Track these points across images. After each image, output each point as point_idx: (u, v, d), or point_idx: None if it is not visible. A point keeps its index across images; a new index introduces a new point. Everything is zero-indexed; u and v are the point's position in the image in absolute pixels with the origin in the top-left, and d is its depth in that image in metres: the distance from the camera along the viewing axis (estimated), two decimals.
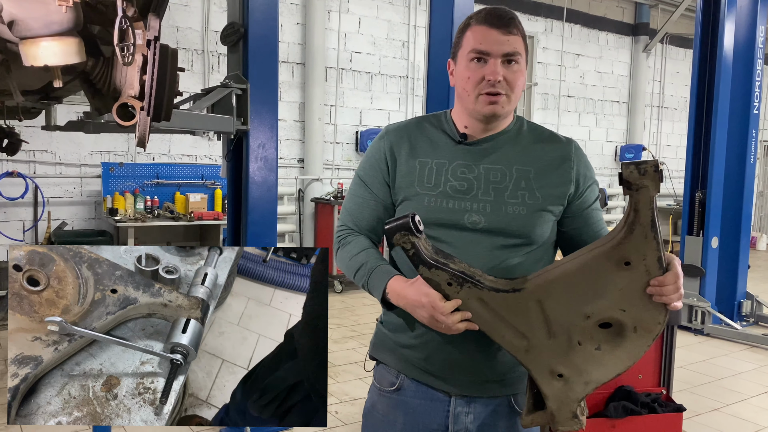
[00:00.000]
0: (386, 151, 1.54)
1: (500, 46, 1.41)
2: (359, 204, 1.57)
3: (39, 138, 5.63)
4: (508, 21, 1.42)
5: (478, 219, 1.44)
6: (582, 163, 1.52)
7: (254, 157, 3.34)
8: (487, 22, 1.42)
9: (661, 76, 10.76)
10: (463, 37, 1.46)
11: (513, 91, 1.44)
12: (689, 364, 4.83)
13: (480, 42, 1.41)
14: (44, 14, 1.52)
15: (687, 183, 6.00)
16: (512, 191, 1.45)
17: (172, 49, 1.85)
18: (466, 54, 1.44)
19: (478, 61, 1.42)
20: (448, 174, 1.47)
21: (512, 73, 1.42)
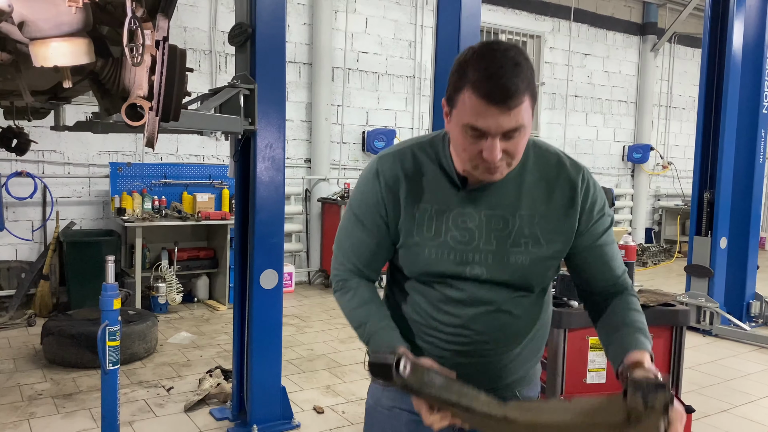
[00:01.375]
0: (383, 195, 1.42)
1: (500, 124, 1.23)
2: (357, 245, 1.48)
3: (47, 138, 5.66)
4: (513, 93, 1.21)
5: (480, 271, 1.38)
6: (590, 195, 1.42)
7: (262, 157, 3.35)
8: (486, 95, 1.21)
9: (669, 76, 10.71)
10: (459, 96, 1.26)
11: (515, 157, 1.30)
12: (698, 365, 4.80)
13: (476, 119, 1.23)
14: (54, 15, 1.53)
15: (695, 183, 5.97)
16: (515, 239, 1.38)
17: (180, 50, 1.86)
18: (460, 123, 1.27)
19: (474, 136, 1.26)
20: (449, 222, 1.39)
21: (514, 144, 1.27)
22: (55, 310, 5.70)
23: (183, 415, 3.70)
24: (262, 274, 3.41)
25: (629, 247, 2.56)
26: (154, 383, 4.18)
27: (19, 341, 4.94)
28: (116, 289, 2.60)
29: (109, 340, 2.58)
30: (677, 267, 8.95)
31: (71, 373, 4.27)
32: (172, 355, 4.77)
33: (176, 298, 5.93)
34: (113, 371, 2.65)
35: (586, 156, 9.88)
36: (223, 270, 6.26)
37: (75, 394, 3.93)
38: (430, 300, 1.44)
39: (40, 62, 1.59)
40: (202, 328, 5.51)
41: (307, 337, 5.33)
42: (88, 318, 4.61)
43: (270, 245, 3.43)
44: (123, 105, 1.73)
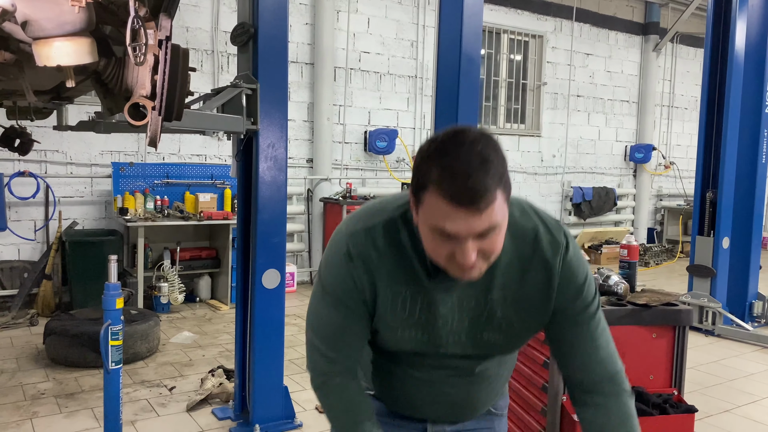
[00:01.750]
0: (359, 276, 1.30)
1: (470, 227, 1.10)
2: (337, 332, 1.36)
3: (50, 138, 5.67)
4: (482, 194, 1.08)
5: (454, 351, 1.35)
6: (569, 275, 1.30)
7: (264, 156, 3.35)
8: (452, 197, 1.08)
9: (672, 76, 10.70)
10: (424, 195, 1.13)
11: (493, 254, 1.18)
12: (700, 365, 4.80)
13: (444, 222, 1.11)
14: (57, 14, 1.53)
15: (698, 183, 5.96)
16: (488, 319, 1.32)
17: (183, 49, 1.86)
18: (427, 222, 1.14)
19: (443, 238, 1.14)
20: (423, 305, 1.31)
21: (490, 243, 1.15)
22: (57, 309, 5.71)
23: (185, 414, 3.71)
24: (265, 273, 3.41)
25: (632, 246, 2.55)
26: (157, 383, 4.19)
27: (21, 341, 4.95)
28: (119, 289, 2.61)
29: (112, 340, 2.59)
30: (679, 267, 8.94)
31: (73, 373, 4.27)
32: (175, 354, 4.77)
33: (178, 298, 5.94)
34: (116, 371, 2.65)
35: (588, 156, 9.88)
36: (225, 270, 6.26)
37: (77, 394, 3.94)
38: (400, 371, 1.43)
39: (43, 62, 1.59)
40: (204, 328, 5.51)
41: None
42: (91, 318, 4.62)
43: (272, 245, 3.43)
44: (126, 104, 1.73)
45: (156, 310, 5.81)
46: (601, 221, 10.06)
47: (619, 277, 2.45)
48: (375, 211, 1.33)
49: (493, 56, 8.86)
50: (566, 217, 9.68)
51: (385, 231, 1.29)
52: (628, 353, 2.31)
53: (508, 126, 9.15)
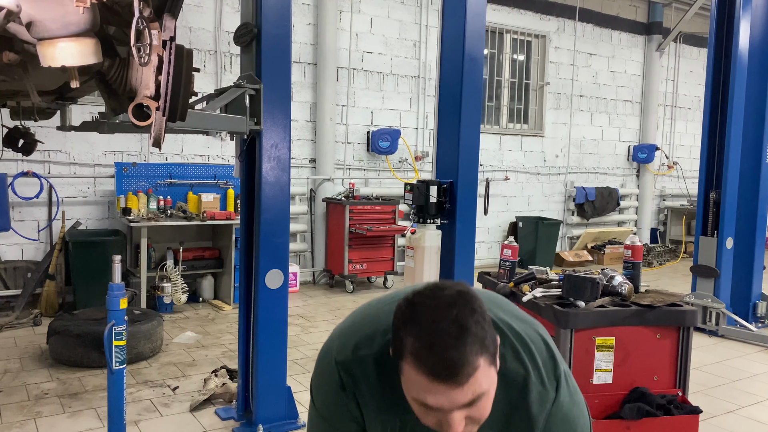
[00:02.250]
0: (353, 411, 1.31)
1: (452, 403, 1.06)
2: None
3: (53, 138, 5.68)
4: (459, 372, 1.03)
5: None
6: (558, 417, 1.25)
7: (267, 157, 3.35)
8: (429, 371, 1.04)
9: (675, 76, 10.68)
10: (402, 363, 1.10)
11: (482, 419, 1.13)
12: (703, 366, 4.78)
13: (425, 396, 1.07)
14: (62, 15, 1.53)
15: (701, 183, 5.94)
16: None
17: (187, 50, 1.86)
18: (409, 393, 1.11)
19: (427, 410, 1.10)
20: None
21: (478, 410, 1.10)
22: (60, 309, 5.72)
23: (188, 414, 3.71)
24: (268, 273, 3.41)
25: (636, 247, 2.55)
26: (160, 383, 4.19)
27: (25, 341, 4.96)
28: (123, 289, 2.61)
29: (116, 340, 2.59)
30: (683, 267, 8.92)
31: (77, 373, 4.28)
32: (178, 354, 4.78)
33: (181, 298, 5.94)
34: (120, 371, 2.65)
35: (591, 156, 9.87)
36: (228, 270, 6.27)
37: (81, 394, 3.94)
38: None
39: (47, 62, 1.59)
40: (207, 328, 5.52)
41: (312, 337, 5.33)
42: (94, 318, 4.62)
43: (275, 245, 3.43)
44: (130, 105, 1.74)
45: (159, 310, 5.81)
46: (604, 221, 10.04)
47: (623, 277, 2.44)
48: (366, 336, 1.29)
49: (495, 56, 8.85)
50: (569, 218, 9.67)
51: (376, 365, 1.25)
52: (632, 354, 2.30)
53: (510, 126, 9.14)
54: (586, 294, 2.24)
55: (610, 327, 2.26)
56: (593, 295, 2.24)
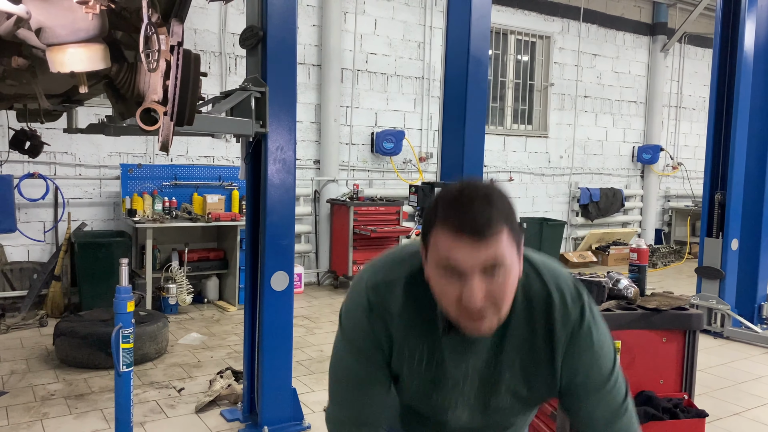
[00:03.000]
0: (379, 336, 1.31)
1: (475, 258, 1.11)
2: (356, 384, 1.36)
3: (59, 140, 5.70)
4: (486, 223, 1.10)
5: (462, 412, 1.34)
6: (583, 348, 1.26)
7: (273, 159, 3.36)
8: (455, 227, 1.11)
9: (679, 76, 10.66)
10: (431, 234, 1.16)
11: (504, 301, 1.16)
12: (709, 368, 4.78)
13: (449, 253, 1.12)
14: (71, 21, 1.54)
15: (706, 184, 5.93)
16: (498, 383, 1.30)
17: (194, 55, 1.86)
18: (435, 261, 1.16)
19: (451, 276, 1.14)
20: (434, 366, 1.31)
21: (498, 285, 1.13)
22: (66, 310, 5.74)
23: (194, 416, 3.72)
24: (273, 275, 3.42)
25: (641, 250, 2.55)
26: (165, 384, 4.20)
27: (31, 342, 4.98)
28: (130, 292, 2.62)
29: (123, 343, 2.60)
30: (687, 268, 8.90)
31: (83, 374, 4.30)
32: (183, 356, 4.79)
33: (186, 299, 5.96)
34: (127, 374, 2.67)
35: (595, 157, 9.85)
36: (233, 271, 6.28)
37: (87, 395, 3.96)
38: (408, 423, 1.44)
39: (57, 68, 1.60)
40: (213, 329, 5.53)
41: (317, 338, 5.34)
42: (100, 319, 4.64)
43: (281, 247, 3.44)
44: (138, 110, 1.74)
45: (164, 311, 5.83)
46: (608, 222, 10.03)
47: (628, 280, 2.44)
48: (396, 263, 1.33)
49: (500, 57, 8.85)
50: (574, 218, 9.66)
51: (405, 286, 1.29)
52: (638, 357, 2.30)
53: (515, 127, 9.14)
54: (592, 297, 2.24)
55: (616, 330, 2.26)
56: (599, 299, 2.24)
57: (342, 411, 1.38)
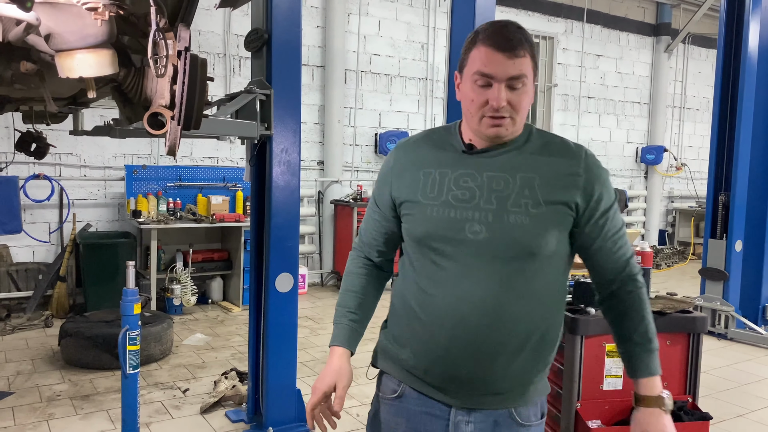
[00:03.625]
0: (393, 165, 1.58)
1: (505, 69, 1.37)
2: (367, 221, 1.66)
3: (64, 141, 5.73)
4: (517, 43, 1.37)
5: (479, 228, 1.41)
6: (593, 176, 1.46)
7: (277, 161, 3.37)
8: (493, 43, 1.37)
9: (683, 77, 10.64)
10: (469, 54, 1.42)
11: (518, 113, 1.41)
12: (712, 369, 4.78)
13: (485, 65, 1.38)
14: (80, 27, 1.55)
15: (710, 185, 5.93)
16: (515, 199, 1.41)
17: (201, 59, 1.88)
18: (471, 74, 1.41)
19: (482, 84, 1.39)
20: (451, 183, 1.46)
21: (517, 95, 1.39)
22: (71, 311, 5.77)
23: (199, 416, 3.74)
24: (278, 277, 3.43)
25: (646, 253, 2.55)
26: (170, 385, 4.22)
27: (37, 342, 5.01)
28: (137, 294, 2.64)
29: (130, 345, 2.62)
30: (691, 269, 8.89)
31: (88, 375, 4.32)
32: (188, 356, 4.81)
33: (191, 300, 5.98)
34: (134, 375, 2.68)
35: (599, 157, 9.72)
36: (237, 272, 6.30)
37: (93, 396, 3.98)
38: (428, 275, 1.47)
39: (66, 73, 1.61)
40: (217, 330, 5.55)
41: (321, 339, 5.35)
42: (105, 320, 4.66)
43: (285, 249, 3.45)
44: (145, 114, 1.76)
45: (168, 312, 5.85)
46: None
47: None
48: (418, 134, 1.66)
49: None
50: None
51: (426, 134, 1.60)
52: None
53: None
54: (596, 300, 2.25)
55: None
56: None
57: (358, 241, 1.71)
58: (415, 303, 1.49)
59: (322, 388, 1.53)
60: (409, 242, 1.53)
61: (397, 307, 1.56)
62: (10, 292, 5.69)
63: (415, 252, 1.50)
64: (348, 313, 1.61)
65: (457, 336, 1.41)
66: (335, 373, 1.53)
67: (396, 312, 1.57)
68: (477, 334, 1.40)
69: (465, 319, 1.40)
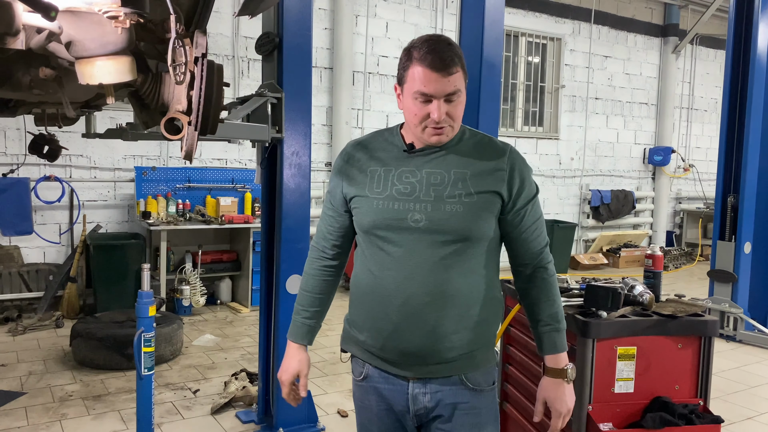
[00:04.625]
0: (342, 165, 1.76)
1: (443, 88, 1.55)
2: (323, 218, 1.85)
3: (75, 143, 5.77)
4: (449, 61, 1.54)
5: (420, 217, 1.60)
6: (516, 171, 1.66)
7: (288, 164, 3.39)
8: (429, 64, 1.54)
9: (691, 78, 10.62)
10: (407, 72, 1.59)
11: (455, 121, 1.61)
12: (721, 372, 4.77)
13: (424, 84, 1.55)
14: (100, 35, 1.57)
15: (719, 187, 5.92)
16: (450, 191, 1.61)
17: (217, 65, 1.90)
18: (411, 92, 1.59)
19: (423, 101, 1.57)
20: (394, 179, 1.66)
21: (454, 107, 1.59)
22: (81, 312, 5.81)
23: (210, 417, 3.76)
24: (288, 279, 3.45)
25: (656, 256, 2.56)
26: (180, 385, 4.25)
27: (48, 342, 5.05)
28: (152, 297, 2.66)
29: (145, 346, 2.64)
30: (699, 271, 8.87)
31: (99, 375, 4.35)
32: (197, 357, 4.84)
33: (200, 301, 6.01)
34: (148, 376, 2.71)
35: (606, 159, 9.84)
36: (246, 272, 6.33)
37: (104, 396, 4.01)
38: (376, 260, 1.67)
39: (86, 80, 1.63)
40: (226, 331, 5.58)
41: (330, 340, 5.36)
42: (115, 320, 4.70)
43: (296, 251, 3.47)
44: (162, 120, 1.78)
45: (178, 313, 5.88)
46: (619, 224, 10.01)
47: (643, 286, 2.45)
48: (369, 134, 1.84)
49: (511, 59, 8.86)
50: (584, 220, 9.65)
51: (372, 137, 1.78)
52: (653, 363, 2.32)
53: (526, 129, 9.14)
54: (607, 304, 2.26)
55: (631, 337, 2.28)
56: (615, 305, 2.25)
57: (315, 237, 1.88)
58: (367, 286, 1.69)
59: (288, 378, 1.83)
60: (359, 233, 1.73)
61: (354, 293, 1.77)
62: (21, 293, 5.74)
63: (365, 241, 1.71)
64: (302, 310, 1.85)
65: (405, 312, 1.61)
66: (297, 363, 1.83)
67: (353, 298, 1.77)
68: (423, 309, 1.60)
69: (412, 296, 1.60)
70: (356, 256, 1.77)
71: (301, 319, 1.85)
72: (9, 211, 5.67)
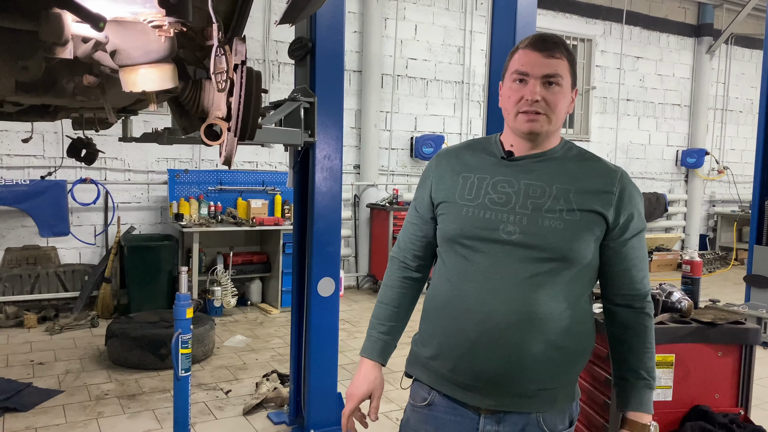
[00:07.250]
0: (433, 169, 1.64)
1: (540, 67, 1.46)
2: (405, 227, 1.72)
3: (110, 146, 5.87)
4: (552, 45, 1.47)
5: (513, 229, 1.44)
6: (627, 196, 1.49)
7: (320, 167, 3.42)
8: (531, 45, 1.48)
9: (726, 78, 10.40)
10: (510, 60, 1.54)
11: (554, 112, 1.47)
12: (759, 379, 4.65)
13: (522, 64, 1.47)
14: (144, 44, 1.61)
15: (756, 190, 5.79)
16: (551, 205, 1.45)
17: (256, 72, 1.92)
18: (509, 75, 1.51)
19: (519, 82, 1.48)
20: (489, 188, 1.51)
21: (552, 94, 1.46)
22: (115, 311, 5.92)
23: (242, 418, 3.81)
24: (320, 282, 3.48)
25: (695, 262, 2.51)
26: (213, 386, 4.30)
27: (84, 341, 5.16)
28: (189, 299, 2.70)
29: (182, 348, 2.69)
30: (733, 275, 8.68)
31: (134, 374, 4.43)
32: (229, 358, 4.90)
33: (231, 302, 6.08)
34: (185, 377, 2.75)
35: (638, 161, 9.69)
36: (276, 274, 6.38)
37: (138, 395, 4.08)
38: (458, 270, 1.50)
39: (129, 87, 1.67)
40: (256, 332, 5.63)
41: (358, 343, 5.38)
42: (149, 321, 4.78)
43: (327, 254, 3.49)
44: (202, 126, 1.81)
45: (209, 314, 5.96)
46: (651, 228, 9.84)
47: (681, 293, 2.41)
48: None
49: None
50: None
51: (467, 144, 1.66)
52: (692, 371, 2.28)
53: None
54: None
55: (670, 344, 2.24)
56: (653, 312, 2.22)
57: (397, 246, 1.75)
58: (445, 298, 1.52)
59: (358, 395, 1.61)
60: (441, 243, 1.57)
61: (427, 307, 1.60)
62: (57, 293, 5.87)
63: (447, 251, 1.54)
64: (378, 324, 1.67)
65: (484, 329, 1.42)
66: (371, 383, 1.62)
67: (426, 312, 1.60)
68: (505, 329, 1.41)
69: (493, 313, 1.42)
70: (435, 270, 1.63)
71: (377, 333, 1.66)
72: (47, 212, 5.81)
